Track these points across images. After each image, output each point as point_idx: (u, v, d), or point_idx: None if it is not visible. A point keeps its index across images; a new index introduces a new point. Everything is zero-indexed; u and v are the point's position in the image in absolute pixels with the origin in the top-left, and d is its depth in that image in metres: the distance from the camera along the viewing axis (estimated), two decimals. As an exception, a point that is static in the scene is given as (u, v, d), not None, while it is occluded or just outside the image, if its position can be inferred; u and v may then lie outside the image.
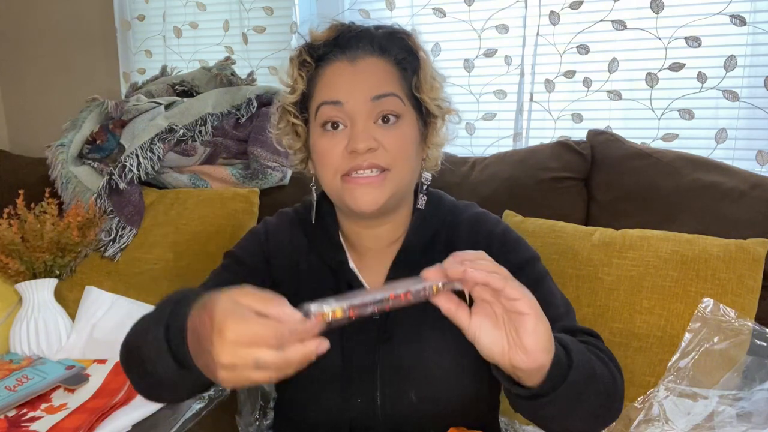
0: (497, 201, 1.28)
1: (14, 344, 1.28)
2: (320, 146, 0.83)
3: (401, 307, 0.86)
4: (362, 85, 0.81)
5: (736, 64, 1.34)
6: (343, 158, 0.81)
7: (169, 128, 1.50)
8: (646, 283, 1.07)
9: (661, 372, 1.01)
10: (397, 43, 0.85)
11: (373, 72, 0.83)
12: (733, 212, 1.15)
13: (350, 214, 0.87)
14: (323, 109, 0.82)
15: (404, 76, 0.84)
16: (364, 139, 0.79)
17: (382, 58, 0.84)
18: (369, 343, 0.87)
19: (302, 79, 0.84)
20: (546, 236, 1.19)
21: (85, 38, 2.06)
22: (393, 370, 0.86)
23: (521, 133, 1.52)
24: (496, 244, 0.88)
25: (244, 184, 1.53)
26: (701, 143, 1.39)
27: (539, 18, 1.46)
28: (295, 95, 0.85)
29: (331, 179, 0.83)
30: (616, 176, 1.27)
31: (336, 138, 0.82)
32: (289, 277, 0.91)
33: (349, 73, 0.82)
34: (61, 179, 1.59)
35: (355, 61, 0.82)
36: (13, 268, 1.31)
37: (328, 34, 0.84)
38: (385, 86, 0.82)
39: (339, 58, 0.83)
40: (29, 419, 1.05)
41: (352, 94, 0.81)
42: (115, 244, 1.47)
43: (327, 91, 0.82)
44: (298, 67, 0.85)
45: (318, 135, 0.83)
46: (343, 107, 0.81)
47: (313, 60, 0.84)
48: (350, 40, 0.83)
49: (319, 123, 0.83)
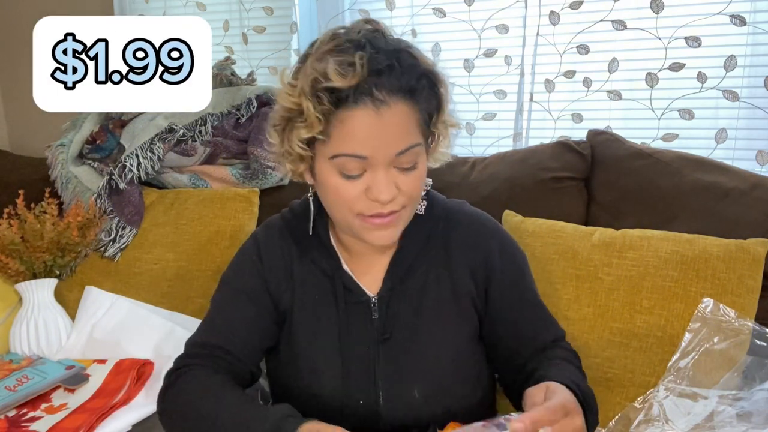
0: (497, 201, 1.28)
1: (14, 344, 1.28)
2: (334, 185, 0.79)
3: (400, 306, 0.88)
4: (388, 138, 0.76)
5: (736, 64, 1.34)
6: (359, 199, 0.79)
7: (169, 128, 1.50)
8: (646, 283, 1.07)
9: (661, 372, 1.00)
10: (424, 86, 0.79)
11: (398, 123, 0.76)
12: (733, 212, 1.15)
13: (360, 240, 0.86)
14: (343, 160, 0.77)
15: (424, 116, 0.80)
16: (387, 191, 0.77)
17: (408, 102, 0.77)
18: (369, 343, 0.88)
19: (320, 122, 0.76)
20: (546, 236, 1.19)
21: (85, 38, 2.06)
22: (394, 369, 0.87)
23: (521, 133, 1.52)
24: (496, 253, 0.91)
25: (244, 184, 1.53)
26: (701, 143, 1.38)
27: (539, 18, 1.46)
28: (310, 134, 0.77)
29: (345, 215, 0.82)
30: (616, 176, 1.27)
31: (355, 182, 0.78)
32: (285, 289, 0.91)
33: (375, 125, 0.75)
34: (61, 179, 1.59)
35: (381, 109, 0.74)
36: (13, 268, 1.31)
37: (352, 82, 0.74)
38: (408, 137, 0.78)
39: (363, 104, 0.74)
40: (29, 419, 1.05)
41: (377, 150, 0.76)
42: (115, 244, 1.47)
43: (349, 143, 0.76)
44: (315, 109, 0.75)
45: (331, 174, 0.79)
46: (366, 161, 0.77)
47: (332, 104, 0.75)
48: (376, 84, 0.74)
49: (336, 169, 0.78)
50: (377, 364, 0.87)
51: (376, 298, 0.89)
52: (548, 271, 1.13)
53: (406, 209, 0.82)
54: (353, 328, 0.88)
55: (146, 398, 1.13)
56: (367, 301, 0.89)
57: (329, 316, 0.89)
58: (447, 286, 0.90)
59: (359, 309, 0.89)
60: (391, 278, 0.89)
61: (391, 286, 0.89)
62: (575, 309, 1.10)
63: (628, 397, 0.98)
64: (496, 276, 0.90)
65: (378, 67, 0.74)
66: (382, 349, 0.87)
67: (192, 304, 1.38)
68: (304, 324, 0.90)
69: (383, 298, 0.89)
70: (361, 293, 0.89)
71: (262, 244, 0.93)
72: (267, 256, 0.92)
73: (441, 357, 0.88)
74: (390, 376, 0.87)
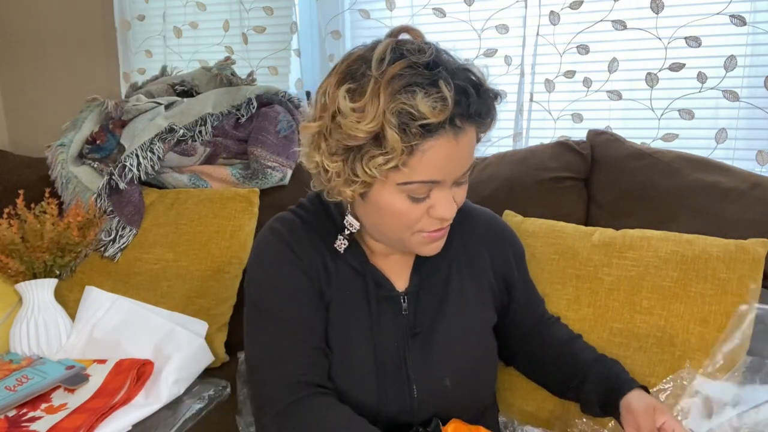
0: (497, 201, 1.28)
1: (14, 344, 1.28)
2: (400, 209, 0.80)
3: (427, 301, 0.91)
4: (461, 163, 0.79)
5: (736, 64, 1.34)
6: (421, 219, 0.81)
7: (169, 128, 1.50)
8: (646, 283, 1.07)
9: (661, 372, 1.01)
10: (492, 110, 0.81)
11: (470, 146, 0.79)
12: (733, 212, 1.15)
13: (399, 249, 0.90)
14: (416, 186, 0.77)
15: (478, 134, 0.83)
16: (451, 209, 0.81)
17: (476, 125, 0.79)
18: (399, 339, 0.90)
19: (403, 153, 0.74)
20: (546, 236, 1.19)
21: (85, 38, 2.06)
22: (425, 362, 0.90)
23: (521, 133, 1.52)
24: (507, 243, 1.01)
25: (244, 184, 1.53)
26: (701, 143, 1.39)
27: (539, 18, 1.46)
28: (392, 164, 0.75)
29: (401, 233, 0.83)
30: (616, 176, 1.27)
31: (421, 204, 0.80)
32: (325, 282, 0.89)
33: (454, 153, 0.76)
34: (61, 179, 1.59)
35: (459, 136, 0.76)
36: (13, 268, 1.31)
37: (444, 117, 0.73)
38: (472, 157, 0.81)
39: (445, 132, 0.74)
40: (29, 419, 1.05)
41: (451, 174, 0.79)
42: (115, 244, 1.47)
43: (428, 172, 0.76)
44: (402, 141, 0.73)
45: (397, 198, 0.79)
46: (437, 184, 0.79)
47: (420, 137, 0.74)
48: (458, 112, 0.74)
49: (405, 193, 0.78)
50: (408, 359, 0.89)
51: (405, 294, 0.91)
52: (548, 271, 1.14)
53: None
54: (384, 324, 0.89)
55: (146, 398, 1.13)
56: (396, 297, 0.91)
57: (361, 311, 0.89)
58: (468, 279, 0.95)
59: (389, 304, 0.90)
60: (418, 274, 0.92)
61: (419, 281, 0.92)
62: (575, 309, 1.10)
63: (628, 397, 0.98)
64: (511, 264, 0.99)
65: (457, 95, 0.74)
66: (412, 343, 0.90)
67: (192, 304, 1.38)
68: (339, 319, 0.89)
69: (412, 294, 0.91)
70: (391, 288, 0.91)
71: (292, 239, 0.90)
72: (300, 250, 0.89)
73: (467, 346, 0.92)
74: (421, 369, 0.89)
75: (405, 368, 0.89)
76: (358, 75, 0.76)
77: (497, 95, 0.82)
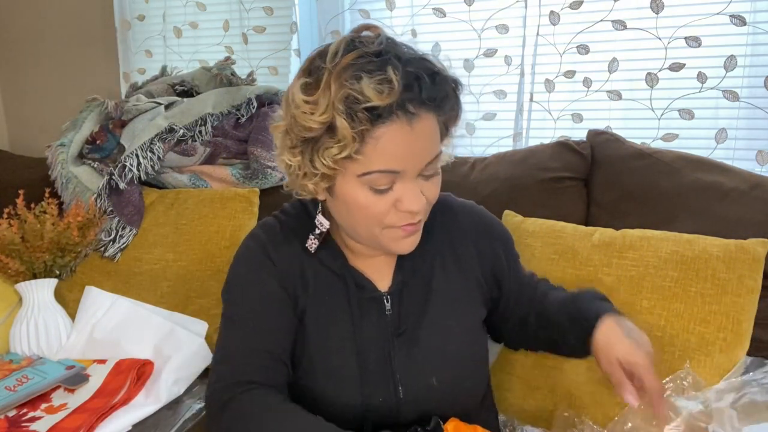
0: (497, 201, 1.28)
1: (14, 344, 1.28)
2: (364, 202, 0.79)
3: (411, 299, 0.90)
4: (419, 151, 0.78)
5: (736, 64, 1.34)
6: (390, 213, 0.80)
7: (169, 128, 1.50)
8: (646, 283, 1.07)
9: (660, 372, 1.00)
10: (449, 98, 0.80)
11: (429, 133, 0.78)
12: (733, 212, 1.15)
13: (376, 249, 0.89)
14: (376, 176, 0.77)
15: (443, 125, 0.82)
16: (418, 202, 0.80)
17: (435, 113, 0.78)
18: (384, 339, 0.89)
19: (355, 141, 0.75)
20: (546, 236, 1.19)
21: (85, 38, 2.06)
22: (411, 362, 0.89)
23: (521, 133, 1.52)
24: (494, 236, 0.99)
25: (244, 184, 1.53)
26: (701, 143, 1.38)
27: (539, 18, 1.46)
28: (343, 153, 0.75)
29: (371, 229, 0.82)
30: (616, 176, 1.27)
31: (384, 197, 0.79)
32: (299, 289, 0.90)
33: (409, 140, 0.76)
34: (61, 179, 1.59)
35: (413, 122, 0.75)
36: (13, 268, 1.31)
37: (391, 100, 0.73)
38: (435, 147, 0.80)
39: (397, 118, 0.75)
40: (29, 419, 1.05)
41: (410, 163, 0.78)
42: (115, 244, 1.47)
43: (384, 161, 0.76)
44: (351, 128, 0.74)
45: (360, 191, 0.79)
46: (398, 174, 0.78)
47: (369, 122, 0.74)
48: (409, 97, 0.74)
49: (366, 185, 0.78)
50: (393, 359, 0.88)
51: (387, 294, 0.90)
52: (548, 271, 1.13)
53: (426, 213, 0.86)
54: (367, 325, 0.89)
55: (146, 398, 1.13)
56: (379, 297, 0.90)
57: (342, 314, 0.89)
58: (455, 275, 0.93)
59: (372, 305, 0.90)
60: (401, 272, 0.91)
61: (402, 280, 0.91)
62: (575, 309, 1.10)
63: (628, 397, 0.98)
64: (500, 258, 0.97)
65: (409, 81, 0.74)
66: (397, 343, 0.89)
67: (192, 304, 1.38)
68: (317, 324, 0.89)
69: (395, 293, 0.90)
70: (373, 289, 0.90)
71: (269, 245, 0.91)
72: (276, 256, 0.90)
73: (455, 344, 0.91)
74: (407, 369, 0.88)
75: (391, 369, 0.88)
76: (314, 69, 0.78)
77: (456, 82, 0.82)
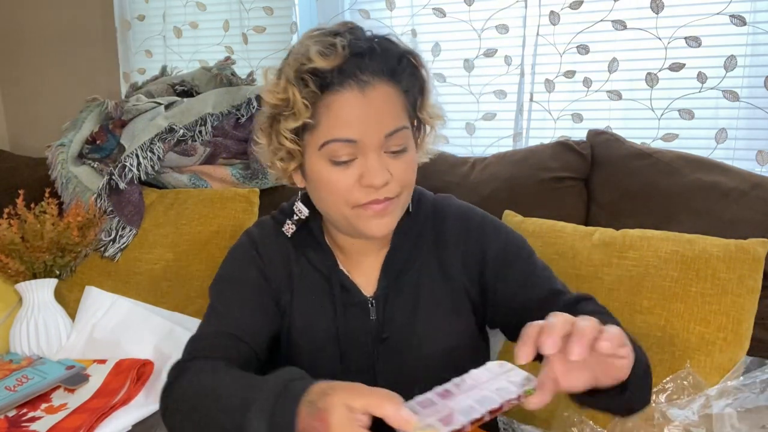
0: (497, 201, 1.28)
1: (14, 344, 1.28)
2: (327, 177, 0.79)
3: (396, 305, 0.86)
4: (375, 119, 0.77)
5: (736, 64, 1.34)
6: (354, 189, 0.79)
7: (169, 128, 1.50)
8: (646, 283, 1.07)
9: (660, 372, 1.01)
10: (406, 68, 0.81)
11: (384, 102, 0.78)
12: (733, 212, 1.15)
13: (356, 236, 0.86)
14: (334, 146, 0.77)
15: (408, 99, 0.82)
16: (381, 176, 0.77)
17: (392, 84, 0.79)
18: (368, 344, 0.88)
19: (307, 108, 0.77)
20: (546, 236, 1.19)
21: (85, 38, 2.06)
22: (393, 369, 0.87)
23: (521, 133, 1.52)
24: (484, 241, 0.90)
25: (244, 184, 1.53)
26: (701, 143, 1.38)
27: (539, 18, 1.46)
28: (298, 122, 0.78)
29: (340, 207, 0.81)
30: (616, 176, 1.27)
31: (347, 171, 0.78)
32: (285, 287, 0.90)
33: (362, 106, 0.76)
34: (61, 179, 1.59)
35: (366, 90, 0.76)
36: (13, 268, 1.31)
37: (335, 62, 0.75)
38: (396, 119, 0.79)
39: (348, 86, 0.76)
40: (29, 419, 1.05)
41: (366, 132, 0.77)
42: (115, 244, 1.47)
43: (338, 128, 0.77)
44: (301, 94, 0.76)
45: (323, 165, 0.79)
46: (356, 144, 0.77)
47: (317, 87, 0.76)
48: (359, 65, 0.76)
49: (327, 157, 0.78)
50: (376, 364, 0.87)
51: (372, 299, 0.89)
52: (548, 271, 1.13)
53: (400, 197, 0.82)
54: (351, 329, 0.88)
55: (146, 398, 1.13)
56: (364, 302, 0.89)
57: (327, 317, 0.88)
58: (441, 283, 0.90)
59: (357, 310, 0.88)
60: (386, 277, 0.89)
61: (386, 285, 0.89)
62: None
63: (628, 397, 0.98)
64: (488, 263, 0.90)
65: (359, 50, 0.76)
66: (381, 349, 0.87)
67: (192, 304, 1.38)
68: (302, 324, 0.89)
69: (380, 298, 0.89)
70: (358, 293, 0.89)
71: (259, 241, 0.92)
72: (265, 252, 0.91)
73: (439, 353, 0.88)
74: (390, 376, 0.87)
75: (374, 375, 0.87)
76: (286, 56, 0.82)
77: (415, 56, 0.82)
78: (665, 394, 0.96)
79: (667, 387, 0.96)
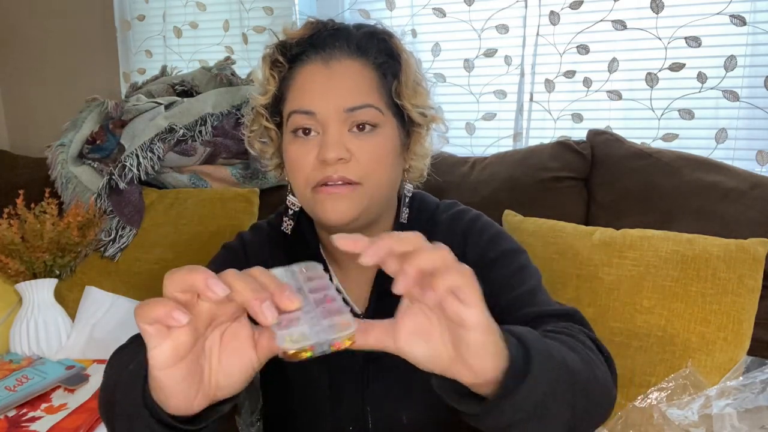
0: (497, 201, 1.28)
1: (14, 344, 1.28)
2: (291, 153, 0.78)
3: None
4: (336, 93, 0.75)
5: (736, 64, 1.34)
6: (314, 168, 0.76)
7: (169, 128, 1.50)
8: (647, 283, 1.07)
9: (661, 372, 1.01)
10: (376, 45, 0.79)
11: (348, 76, 0.76)
12: (733, 212, 1.15)
13: (323, 227, 0.82)
14: (294, 118, 0.77)
15: (384, 82, 0.78)
16: (334, 149, 0.73)
17: (360, 60, 0.77)
18: (358, 363, 0.83)
19: (274, 80, 0.79)
20: (546, 236, 1.19)
21: (85, 38, 2.06)
22: (383, 391, 0.83)
23: (521, 133, 1.52)
24: (473, 239, 0.85)
25: (244, 184, 1.53)
26: (701, 143, 1.39)
27: (539, 18, 1.46)
28: (267, 97, 0.80)
29: (303, 189, 0.78)
30: (616, 176, 1.27)
31: (308, 145, 0.76)
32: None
33: (323, 78, 0.76)
34: (61, 179, 1.59)
35: (330, 63, 0.76)
36: (13, 268, 1.31)
37: (303, 32, 0.78)
38: (360, 96, 0.76)
39: (313, 59, 0.77)
40: (29, 419, 1.05)
41: (325, 104, 0.75)
42: (115, 244, 1.47)
43: (299, 99, 0.77)
44: (270, 66, 0.79)
45: (289, 141, 0.78)
46: (315, 117, 0.75)
47: (286, 60, 0.78)
48: (326, 38, 0.77)
49: (290, 129, 0.78)
50: (366, 385, 0.83)
51: (363, 315, 0.84)
52: (549, 270, 1.13)
53: (364, 186, 0.76)
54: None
55: (146, 398, 1.13)
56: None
57: None
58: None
59: None
60: (377, 292, 0.84)
61: (378, 299, 0.84)
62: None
63: (628, 397, 0.98)
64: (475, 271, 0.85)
65: (329, 24, 0.79)
66: (372, 369, 0.83)
67: (192, 304, 1.38)
68: None
69: (370, 314, 0.83)
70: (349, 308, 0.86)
71: (249, 245, 0.90)
72: (254, 255, 0.88)
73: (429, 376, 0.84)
74: (378, 398, 0.83)
75: (362, 396, 0.83)
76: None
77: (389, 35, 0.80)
78: (666, 393, 0.96)
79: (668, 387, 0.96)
